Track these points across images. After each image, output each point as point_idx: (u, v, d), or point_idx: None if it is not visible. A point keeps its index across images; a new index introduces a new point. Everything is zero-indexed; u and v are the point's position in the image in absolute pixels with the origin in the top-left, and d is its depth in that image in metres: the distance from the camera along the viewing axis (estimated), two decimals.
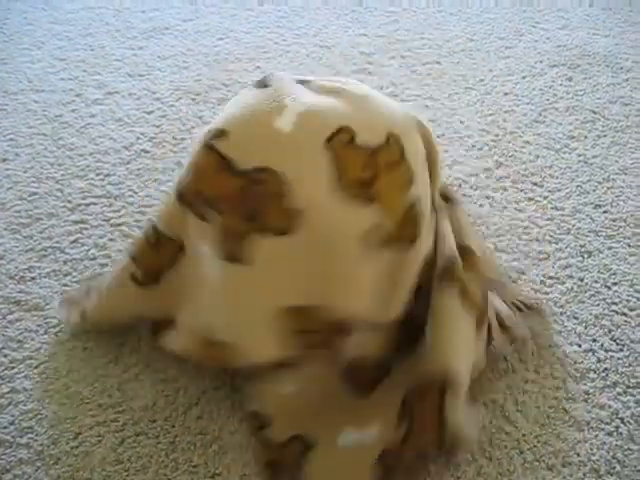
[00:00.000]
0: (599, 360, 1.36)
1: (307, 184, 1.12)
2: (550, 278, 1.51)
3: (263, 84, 1.24)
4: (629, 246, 1.59)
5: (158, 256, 1.27)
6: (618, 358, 1.36)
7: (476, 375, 1.27)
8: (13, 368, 1.33)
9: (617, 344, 1.39)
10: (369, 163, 1.14)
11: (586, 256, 1.57)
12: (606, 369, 1.35)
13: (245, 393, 1.28)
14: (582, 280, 1.51)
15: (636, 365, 1.36)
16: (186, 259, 1.25)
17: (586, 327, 1.42)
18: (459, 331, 1.21)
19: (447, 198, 1.40)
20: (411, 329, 1.26)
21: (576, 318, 1.43)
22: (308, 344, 1.21)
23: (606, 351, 1.38)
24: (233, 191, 1.13)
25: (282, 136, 1.14)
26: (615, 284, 1.50)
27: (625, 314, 1.44)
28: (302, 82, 1.26)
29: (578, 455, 1.22)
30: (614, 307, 1.46)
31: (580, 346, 1.38)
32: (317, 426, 1.23)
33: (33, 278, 1.50)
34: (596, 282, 1.51)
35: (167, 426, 1.24)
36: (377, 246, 1.16)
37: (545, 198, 1.70)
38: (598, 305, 1.46)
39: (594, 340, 1.39)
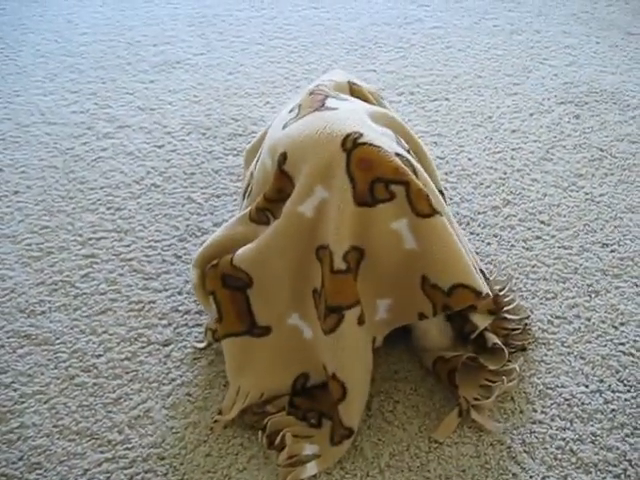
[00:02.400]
0: (606, 401, 1.36)
1: None
2: (557, 318, 1.51)
3: None
4: (636, 285, 1.60)
5: None
6: (625, 399, 1.37)
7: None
8: (23, 402, 1.34)
9: (624, 385, 1.39)
10: None
11: (593, 295, 1.57)
12: (614, 410, 1.35)
13: None
14: (589, 320, 1.51)
15: None
16: None
17: (593, 368, 1.42)
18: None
19: None
20: None
21: (583, 358, 1.44)
22: None
23: (613, 392, 1.38)
24: None
25: None
26: (622, 324, 1.51)
27: (632, 354, 1.45)
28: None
29: None
30: (621, 347, 1.46)
31: (587, 387, 1.38)
32: None
33: (43, 312, 1.51)
34: (603, 322, 1.51)
35: (176, 463, 1.25)
36: None
37: (553, 237, 1.71)
38: (605, 345, 1.46)
39: (601, 381, 1.40)
